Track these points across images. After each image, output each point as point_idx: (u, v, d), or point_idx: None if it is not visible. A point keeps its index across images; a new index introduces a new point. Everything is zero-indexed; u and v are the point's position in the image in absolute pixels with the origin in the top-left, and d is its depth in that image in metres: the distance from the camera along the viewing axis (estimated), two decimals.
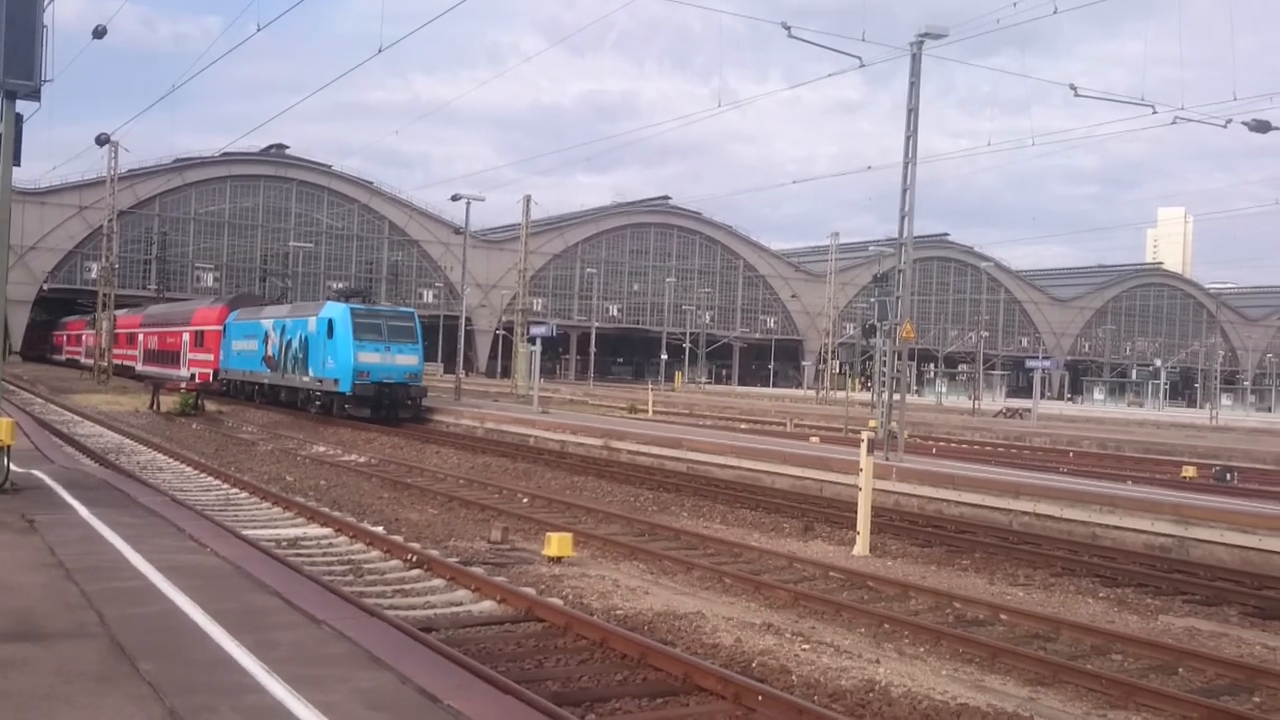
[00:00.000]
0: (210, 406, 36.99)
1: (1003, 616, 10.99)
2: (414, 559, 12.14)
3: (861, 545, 14.68)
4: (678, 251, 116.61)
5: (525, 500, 18.49)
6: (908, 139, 21.81)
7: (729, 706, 7.31)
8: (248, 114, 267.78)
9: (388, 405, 33.22)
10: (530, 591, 10.65)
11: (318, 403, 35.14)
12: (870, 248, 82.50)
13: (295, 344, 36.50)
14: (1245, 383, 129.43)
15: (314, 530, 14.27)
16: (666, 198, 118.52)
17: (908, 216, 22.13)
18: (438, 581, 11.26)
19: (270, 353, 39.24)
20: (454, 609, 10.17)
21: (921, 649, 9.67)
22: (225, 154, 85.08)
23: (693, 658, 8.31)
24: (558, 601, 10.35)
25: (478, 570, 11.58)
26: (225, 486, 18.45)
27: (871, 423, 30.54)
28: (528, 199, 53.20)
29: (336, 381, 33.29)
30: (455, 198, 49.09)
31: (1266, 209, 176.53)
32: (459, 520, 15.90)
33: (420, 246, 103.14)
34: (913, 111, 21.84)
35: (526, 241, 55.02)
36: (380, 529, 14.21)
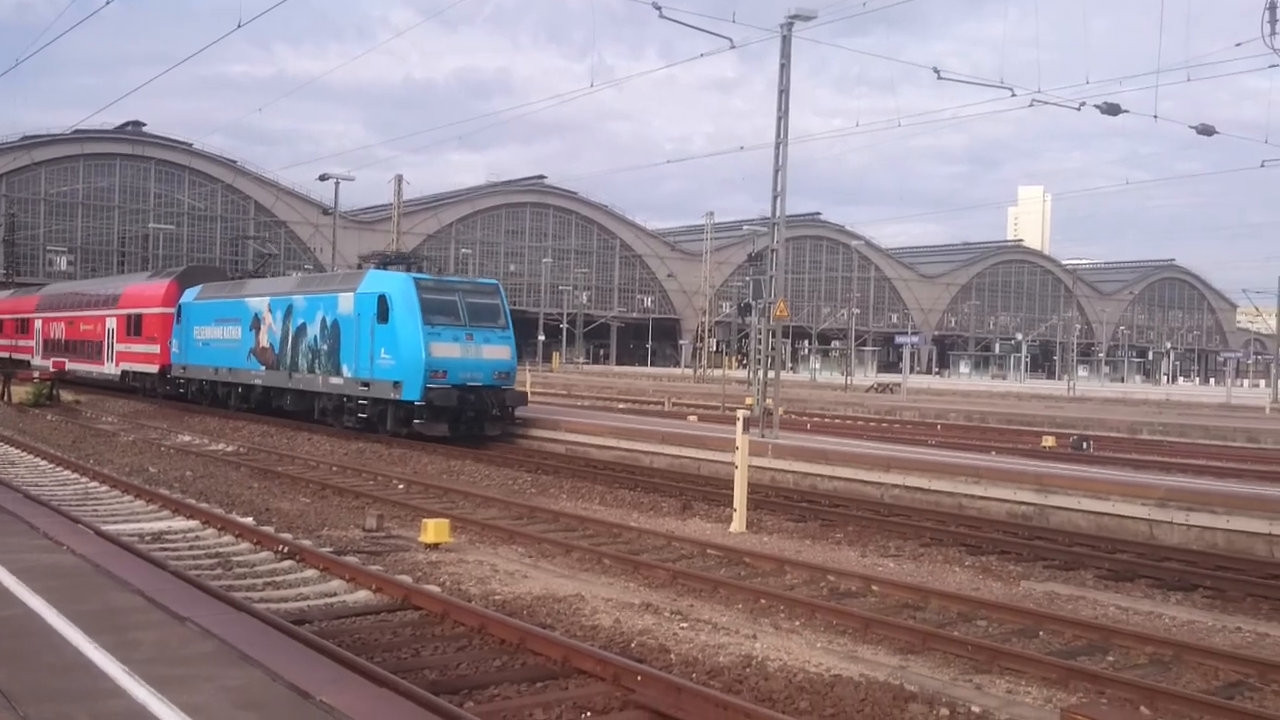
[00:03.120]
0: (67, 396, 35.41)
1: (874, 588, 11.28)
2: (286, 550, 11.85)
3: (738, 522, 14.89)
4: (554, 231, 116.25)
5: (401, 486, 18.22)
6: (779, 120, 22.08)
7: (608, 688, 7.33)
8: (101, 89, 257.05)
9: (471, 418, 23.81)
10: (407, 579, 10.50)
11: (360, 415, 25.17)
12: (744, 227, 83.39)
13: (315, 332, 26.67)
14: (1100, 355, 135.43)
15: (179, 523, 13.80)
16: (542, 177, 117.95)
17: (780, 196, 22.43)
18: (311, 572, 11.01)
19: (265, 343, 29.04)
20: (328, 600, 9.96)
21: (797, 622, 9.86)
22: (77, 131, 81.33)
23: (572, 640, 8.31)
24: (435, 589, 10.23)
25: (352, 559, 11.37)
26: (84, 480, 17.70)
27: (748, 400, 30.99)
28: (399, 178, 52.31)
29: (397, 385, 23.54)
30: (323, 177, 48.02)
31: (1119, 188, 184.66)
32: (333, 509, 15.58)
33: (288, 227, 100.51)
34: (784, 93, 22.11)
35: (399, 222, 54.10)
36: (250, 520, 13.82)
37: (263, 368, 29.20)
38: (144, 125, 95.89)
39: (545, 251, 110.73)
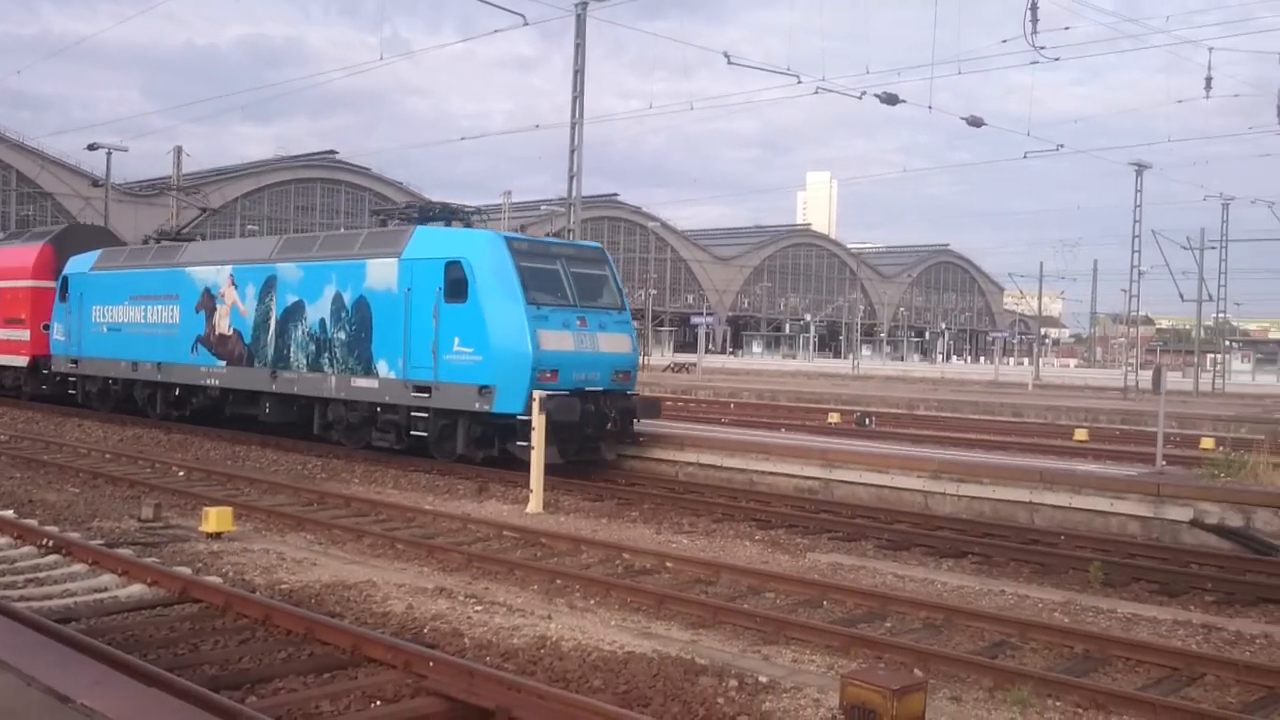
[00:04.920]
0: None
1: (668, 564, 11.48)
2: (50, 544, 11.07)
3: (535, 503, 14.87)
4: (346, 209, 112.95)
5: (181, 473, 17.37)
6: (574, 100, 22.09)
7: (400, 675, 7.18)
8: None
9: (588, 436, 17.65)
10: (185, 571, 10.00)
11: (415, 432, 18.29)
12: (542, 207, 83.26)
13: (320, 314, 19.72)
14: (882, 335, 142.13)
15: None
16: (333, 152, 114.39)
17: (576, 176, 22.49)
18: (79, 567, 10.33)
19: (226, 329, 21.83)
20: (98, 596, 9.36)
21: (592, 601, 9.94)
22: None
23: (361, 629, 8.11)
24: (216, 580, 9.79)
25: (125, 552, 10.74)
26: None
27: None
28: (178, 149, 49.57)
29: (485, 392, 16.93)
30: (93, 147, 45.08)
31: (899, 175, 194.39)
32: (105, 499, 14.69)
33: (55, 200, 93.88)
34: (579, 73, 22.13)
35: (179, 196, 51.38)
36: (10, 513, 12.84)
37: (221, 363, 21.89)
38: None
39: (338, 229, 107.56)
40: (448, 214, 19.97)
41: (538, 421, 15.08)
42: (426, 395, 17.80)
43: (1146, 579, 11.54)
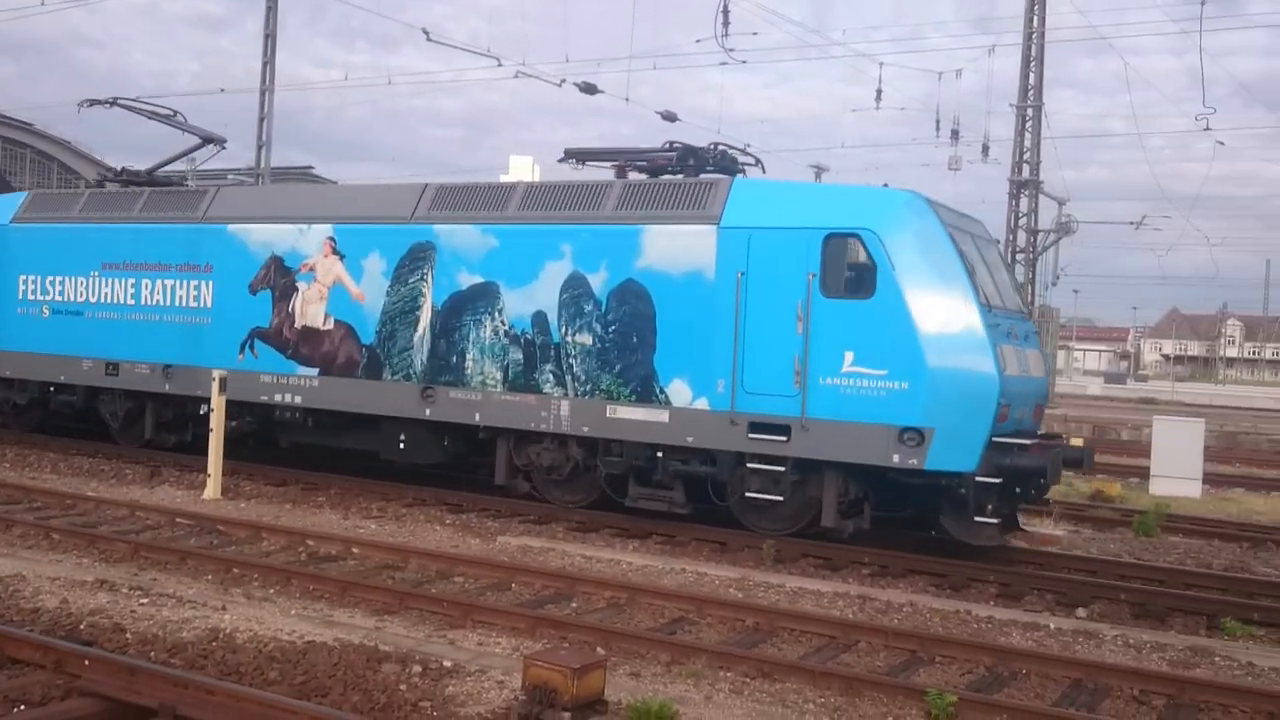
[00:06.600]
0: None
1: (355, 550, 11.21)
2: None
3: (213, 488, 14.11)
4: (4, 167, 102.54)
5: None
6: (265, 65, 21.07)
7: (49, 676, 6.62)
8: None
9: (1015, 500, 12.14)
10: None
11: (753, 495, 12.26)
12: (230, 175, 78.87)
13: (542, 309, 13.25)
14: None
15: None
16: None
17: (266, 146, 21.49)
18: None
19: (322, 320, 14.82)
20: None
21: (271, 591, 9.57)
22: None
23: (5, 627, 7.40)
24: None
25: None
26: None
27: None
28: None
29: (910, 438, 11.15)
30: None
31: None
32: None
33: None
34: (270, 37, 21.12)
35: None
36: None
37: (311, 370, 14.85)
38: None
39: None
40: (718, 161, 13.70)
41: (217, 402, 14.31)
42: (781, 438, 11.88)
43: (813, 555, 12.37)
